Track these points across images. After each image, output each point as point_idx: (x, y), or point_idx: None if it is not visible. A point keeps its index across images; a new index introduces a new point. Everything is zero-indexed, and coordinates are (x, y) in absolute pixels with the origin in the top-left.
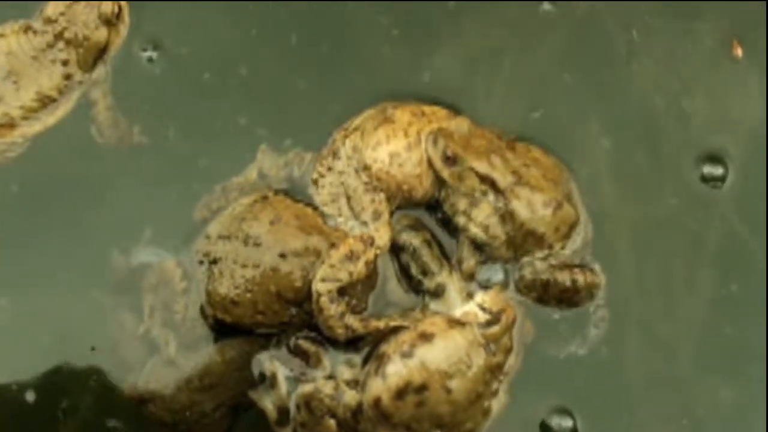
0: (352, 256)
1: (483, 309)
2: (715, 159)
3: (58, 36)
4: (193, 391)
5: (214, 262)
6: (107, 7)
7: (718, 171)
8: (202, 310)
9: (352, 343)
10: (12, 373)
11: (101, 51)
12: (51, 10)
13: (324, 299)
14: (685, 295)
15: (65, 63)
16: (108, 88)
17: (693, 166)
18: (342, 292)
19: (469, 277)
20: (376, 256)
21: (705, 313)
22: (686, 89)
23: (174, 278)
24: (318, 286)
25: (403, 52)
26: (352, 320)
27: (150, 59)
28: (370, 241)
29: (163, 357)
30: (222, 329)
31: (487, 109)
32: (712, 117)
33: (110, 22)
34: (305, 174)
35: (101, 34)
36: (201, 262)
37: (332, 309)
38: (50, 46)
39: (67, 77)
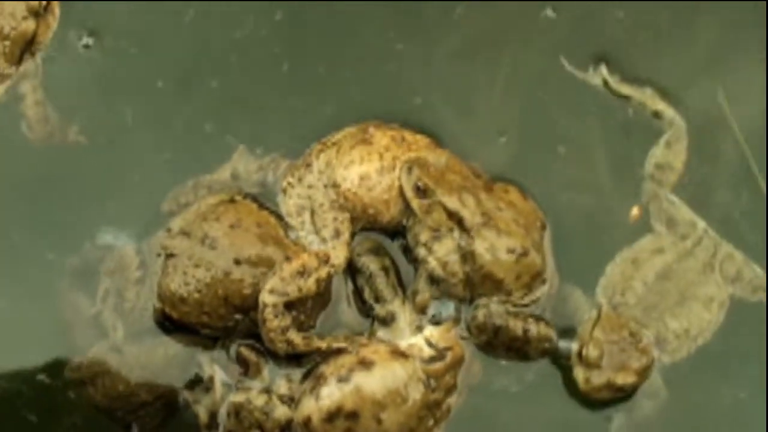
0: (303, 272)
1: (430, 344)
2: None
3: None
4: (131, 381)
5: (171, 256)
6: None
7: None
8: (154, 301)
9: (295, 358)
10: None
11: (28, 43)
12: None
13: (269, 310)
14: None
15: None
16: (38, 82)
17: None
18: (290, 306)
19: (421, 309)
20: (329, 274)
21: None
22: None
23: (131, 266)
24: (265, 297)
25: (397, 69)
26: (294, 336)
27: (86, 45)
28: (325, 259)
29: (110, 342)
30: (170, 324)
31: (472, 142)
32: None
33: (38, 14)
34: (279, 181)
35: (28, 25)
36: (158, 255)
37: (275, 322)
38: None
39: None
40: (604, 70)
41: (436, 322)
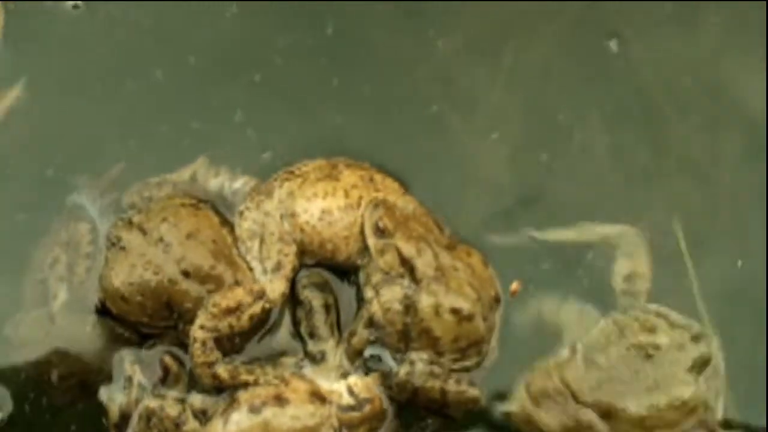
0: (237, 309)
1: (351, 392)
2: None
3: None
4: (50, 351)
5: (122, 248)
6: None
7: None
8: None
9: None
10: None
11: None
12: None
13: (197, 346)
14: None
15: None
16: None
17: None
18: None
19: (357, 352)
20: (263, 309)
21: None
22: None
23: (82, 242)
24: (196, 333)
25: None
26: (221, 371)
27: (75, 6)
28: (259, 294)
29: (47, 310)
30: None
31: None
32: None
33: None
34: (236, 194)
35: None
36: (112, 244)
37: (203, 357)
38: None
39: None
40: (534, 233)
41: (368, 367)
